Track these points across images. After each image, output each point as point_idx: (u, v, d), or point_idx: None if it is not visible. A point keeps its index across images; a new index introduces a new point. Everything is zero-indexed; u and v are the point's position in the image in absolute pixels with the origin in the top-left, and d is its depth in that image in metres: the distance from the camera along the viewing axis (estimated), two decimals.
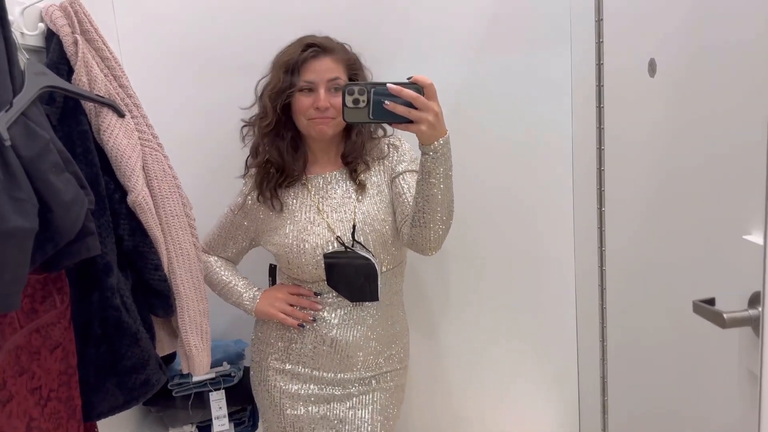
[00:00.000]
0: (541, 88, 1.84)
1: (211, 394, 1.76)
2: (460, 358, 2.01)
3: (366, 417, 1.56)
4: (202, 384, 1.76)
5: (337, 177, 1.57)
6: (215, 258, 1.66)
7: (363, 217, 1.51)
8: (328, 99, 1.48)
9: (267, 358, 1.62)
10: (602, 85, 1.66)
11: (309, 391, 1.57)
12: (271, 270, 1.68)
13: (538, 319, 1.98)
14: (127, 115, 1.28)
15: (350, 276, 1.50)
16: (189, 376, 1.74)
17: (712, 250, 1.20)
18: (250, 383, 1.70)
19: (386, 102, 1.20)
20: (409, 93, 1.19)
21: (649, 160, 1.46)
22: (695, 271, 1.27)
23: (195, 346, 1.41)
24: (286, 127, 1.55)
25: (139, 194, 1.26)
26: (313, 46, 1.50)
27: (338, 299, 1.54)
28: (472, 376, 2.02)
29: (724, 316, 1.00)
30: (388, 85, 1.20)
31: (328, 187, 1.57)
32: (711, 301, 1.08)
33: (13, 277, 0.90)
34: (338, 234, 1.50)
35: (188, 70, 1.82)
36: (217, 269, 1.63)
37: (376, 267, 1.48)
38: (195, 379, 1.74)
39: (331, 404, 1.57)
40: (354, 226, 1.50)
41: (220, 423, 1.76)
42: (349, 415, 1.56)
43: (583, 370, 1.99)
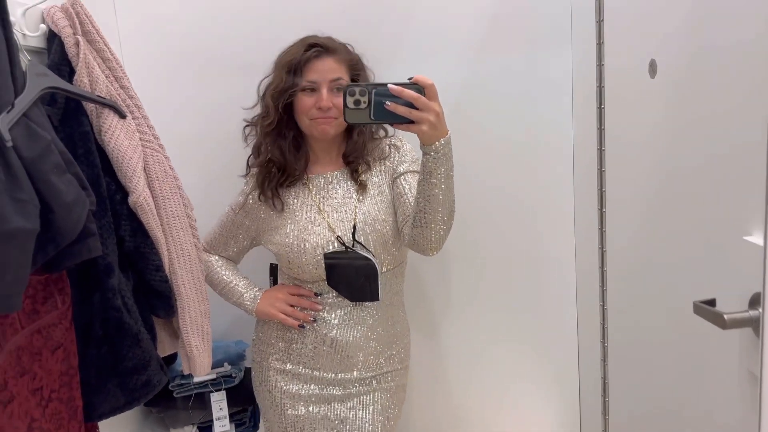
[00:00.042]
0: (542, 88, 1.84)
1: (212, 394, 1.76)
2: (460, 358, 2.01)
3: (367, 417, 1.56)
4: (203, 385, 1.76)
5: (338, 177, 1.57)
6: (216, 257, 1.66)
7: (364, 217, 1.51)
8: (331, 99, 1.48)
9: (268, 358, 1.62)
10: (603, 86, 1.66)
11: (310, 392, 1.58)
12: (272, 270, 1.69)
13: (539, 320, 1.98)
14: (129, 116, 1.28)
15: (350, 276, 1.50)
16: (190, 376, 1.74)
17: (713, 251, 1.19)
18: (252, 384, 1.70)
19: (387, 102, 1.20)
20: (410, 93, 1.19)
21: (650, 161, 1.46)
22: (696, 271, 1.27)
23: (196, 347, 1.41)
24: (288, 126, 1.55)
25: (141, 195, 1.26)
26: (316, 46, 1.50)
27: (338, 299, 1.54)
28: (473, 377, 2.02)
29: (725, 317, 1.00)
30: (389, 86, 1.20)
31: (329, 187, 1.57)
32: (711, 302, 1.08)
33: (15, 278, 0.90)
34: (339, 234, 1.50)
35: (189, 71, 1.82)
36: (218, 269, 1.64)
37: (377, 267, 1.48)
38: (196, 379, 1.74)
39: (332, 404, 1.57)
40: (354, 226, 1.50)
41: (221, 424, 1.76)
42: (350, 416, 1.56)
43: (584, 371, 1.99)
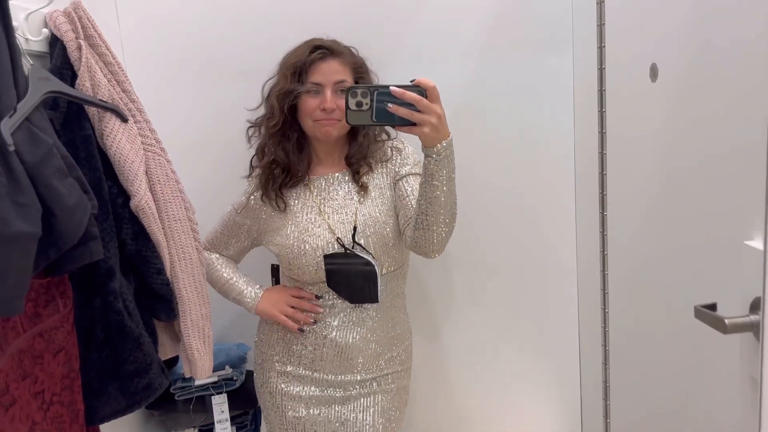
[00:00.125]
0: (543, 91, 1.85)
1: (213, 397, 1.76)
2: (462, 359, 2.01)
3: (368, 419, 1.56)
4: (205, 388, 1.76)
5: (340, 179, 1.58)
6: (217, 255, 1.66)
7: (364, 219, 1.51)
8: (335, 101, 1.48)
9: (269, 360, 1.62)
10: (604, 90, 1.66)
11: (310, 393, 1.58)
12: (274, 270, 1.69)
13: (540, 322, 1.98)
14: (130, 120, 1.28)
15: (350, 278, 1.50)
16: (191, 379, 1.74)
17: (714, 255, 1.19)
18: (252, 386, 1.70)
19: (389, 104, 1.20)
20: (412, 95, 1.19)
21: (651, 164, 1.46)
22: (697, 275, 1.27)
23: (197, 350, 1.41)
24: (292, 128, 1.55)
25: (142, 199, 1.26)
26: (321, 48, 1.51)
27: (338, 301, 1.55)
28: (475, 378, 2.02)
29: (726, 321, 0.99)
30: (391, 88, 1.20)
31: (330, 189, 1.57)
32: (712, 307, 1.08)
33: (17, 282, 0.90)
34: (339, 235, 1.50)
35: (191, 75, 1.82)
36: (218, 266, 1.63)
37: (376, 269, 1.48)
38: (197, 382, 1.75)
39: (333, 406, 1.57)
40: (355, 227, 1.50)
41: (223, 427, 1.76)
42: (351, 418, 1.56)
43: (585, 373, 1.99)
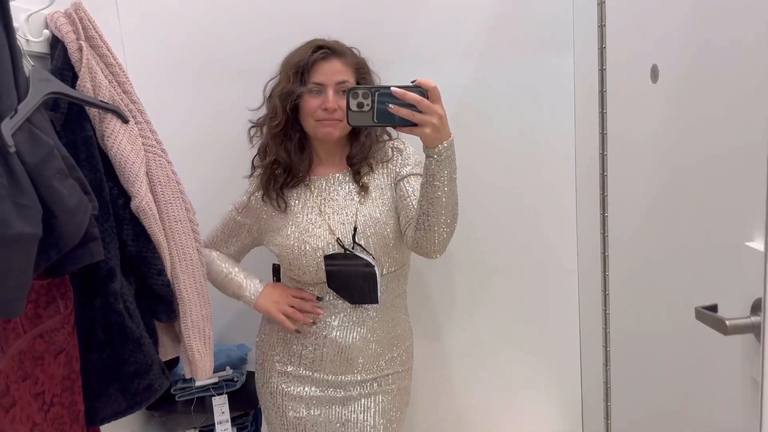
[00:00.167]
0: (544, 92, 1.85)
1: (213, 398, 1.76)
2: (463, 360, 2.01)
3: (368, 420, 1.56)
4: (205, 389, 1.76)
5: (340, 179, 1.58)
6: (217, 253, 1.66)
7: (364, 219, 1.51)
8: (337, 101, 1.48)
9: (270, 360, 1.62)
10: (605, 91, 1.66)
11: (311, 394, 1.58)
12: (275, 270, 1.69)
13: (541, 323, 1.98)
14: (131, 121, 1.28)
15: (350, 279, 1.50)
16: (192, 380, 1.74)
17: (715, 256, 1.19)
18: (253, 387, 1.70)
19: (390, 105, 1.20)
20: (413, 96, 1.19)
21: (652, 166, 1.46)
22: (698, 276, 1.27)
23: (198, 351, 1.41)
24: (293, 128, 1.55)
25: (143, 200, 1.26)
26: (323, 48, 1.51)
27: (339, 301, 1.54)
28: (476, 379, 2.02)
29: (726, 322, 0.99)
30: (392, 89, 1.20)
31: (331, 189, 1.57)
32: (713, 308, 1.07)
33: (17, 283, 0.90)
34: (339, 236, 1.50)
35: (192, 76, 1.82)
36: (217, 261, 1.63)
37: (376, 270, 1.48)
38: (198, 383, 1.74)
39: (333, 407, 1.57)
40: (355, 228, 1.50)
41: (223, 428, 1.76)
42: (352, 418, 1.56)
43: (586, 375, 1.99)
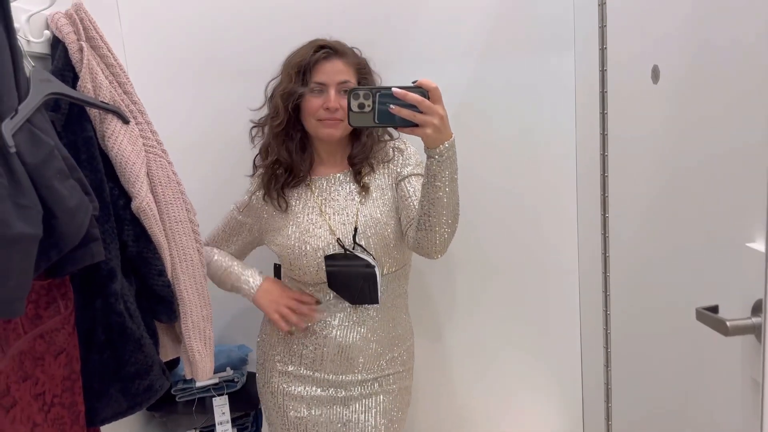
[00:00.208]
0: (545, 93, 1.85)
1: (214, 399, 1.76)
2: (464, 360, 2.01)
3: (370, 420, 1.56)
4: (206, 389, 1.76)
5: (341, 179, 1.58)
6: (218, 250, 1.66)
7: (365, 220, 1.51)
8: (338, 100, 1.49)
9: (270, 359, 1.62)
10: (606, 91, 1.66)
11: (312, 393, 1.58)
12: (276, 269, 1.69)
13: (542, 324, 1.98)
14: (132, 122, 1.28)
15: (351, 280, 1.50)
16: (192, 381, 1.74)
17: (716, 257, 1.19)
18: (253, 388, 1.70)
19: (391, 106, 1.20)
20: (414, 97, 1.19)
21: (653, 166, 1.46)
22: (698, 277, 1.27)
23: (198, 352, 1.41)
24: (295, 127, 1.56)
25: (143, 200, 1.26)
26: (325, 48, 1.51)
27: (339, 301, 1.54)
28: (477, 379, 2.02)
29: (727, 323, 0.99)
30: (393, 89, 1.19)
31: (332, 189, 1.57)
32: (714, 309, 1.07)
33: (18, 283, 0.90)
34: (339, 236, 1.50)
35: (193, 77, 1.82)
36: (218, 257, 1.63)
37: (377, 271, 1.48)
38: (198, 384, 1.74)
39: (334, 407, 1.57)
40: (356, 228, 1.50)
41: (224, 428, 1.76)
42: (353, 418, 1.56)
43: (587, 376, 1.99)
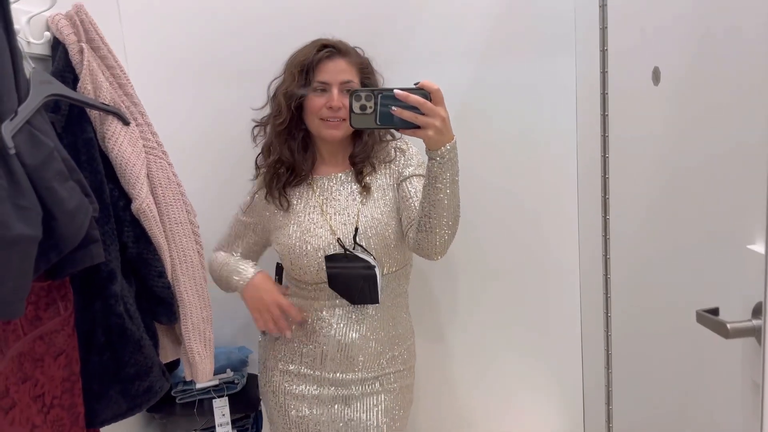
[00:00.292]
0: (546, 94, 1.85)
1: (214, 401, 1.76)
2: (465, 361, 2.01)
3: (371, 419, 1.56)
4: (206, 391, 1.76)
5: (342, 179, 1.58)
6: (224, 252, 1.66)
7: (366, 220, 1.51)
8: (341, 99, 1.49)
9: (272, 359, 1.62)
10: (606, 93, 1.66)
11: (313, 392, 1.58)
12: (278, 269, 1.69)
13: (543, 325, 1.98)
14: (132, 123, 1.29)
15: (351, 281, 1.50)
16: (192, 383, 1.74)
17: (716, 259, 1.19)
18: (252, 390, 1.70)
19: (393, 107, 1.20)
20: (416, 98, 1.19)
21: (653, 169, 1.45)
22: (699, 279, 1.26)
23: (198, 353, 1.41)
24: (297, 127, 1.56)
25: (144, 202, 1.26)
26: (328, 47, 1.51)
27: (338, 300, 1.54)
28: (478, 380, 2.02)
29: (728, 326, 0.99)
30: (395, 91, 1.19)
31: (333, 189, 1.57)
32: (715, 311, 1.07)
33: (17, 285, 0.90)
34: (340, 236, 1.50)
35: (193, 78, 1.82)
36: (221, 257, 1.64)
37: (377, 271, 1.48)
38: (198, 386, 1.74)
39: (336, 406, 1.57)
40: (356, 229, 1.50)
41: (224, 430, 1.76)
42: (354, 417, 1.56)
43: (588, 378, 1.98)
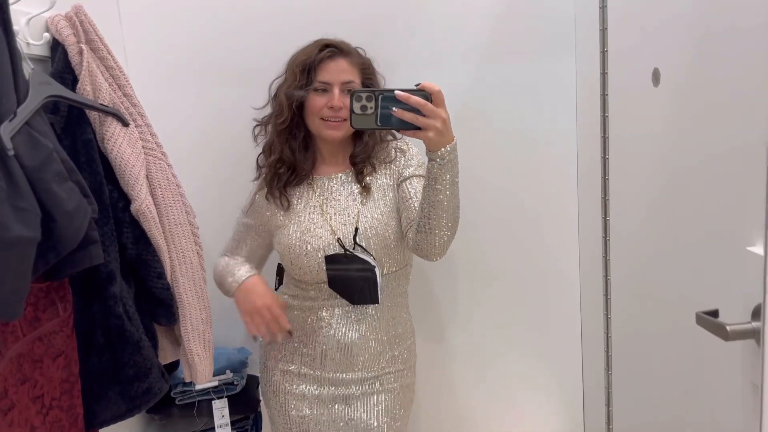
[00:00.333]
0: (546, 96, 1.85)
1: (213, 402, 1.76)
2: (466, 362, 2.01)
3: (372, 419, 1.55)
4: (205, 392, 1.75)
5: (343, 179, 1.58)
6: (229, 257, 1.66)
7: (366, 220, 1.51)
8: (342, 99, 1.49)
9: (272, 359, 1.62)
10: (606, 94, 1.66)
11: (313, 392, 1.57)
12: (279, 269, 1.69)
13: (543, 327, 1.98)
14: (132, 124, 1.29)
15: (351, 281, 1.50)
16: (192, 384, 1.74)
17: (716, 261, 1.19)
18: (252, 391, 1.69)
19: (394, 109, 1.19)
20: (417, 100, 1.19)
21: (653, 170, 1.45)
22: (699, 281, 1.26)
23: (197, 355, 1.41)
24: (298, 126, 1.56)
25: (143, 203, 1.26)
26: (330, 47, 1.51)
27: (339, 300, 1.54)
28: (478, 381, 2.02)
29: (727, 328, 0.99)
30: (396, 92, 1.19)
31: (333, 189, 1.57)
32: (714, 313, 1.07)
33: (16, 286, 0.90)
34: (339, 236, 1.50)
35: (193, 79, 1.82)
36: (222, 262, 1.63)
37: (377, 272, 1.48)
38: (198, 387, 1.74)
39: (336, 405, 1.57)
40: (356, 229, 1.50)
41: (223, 431, 1.76)
42: (355, 417, 1.56)
43: (588, 379, 1.98)
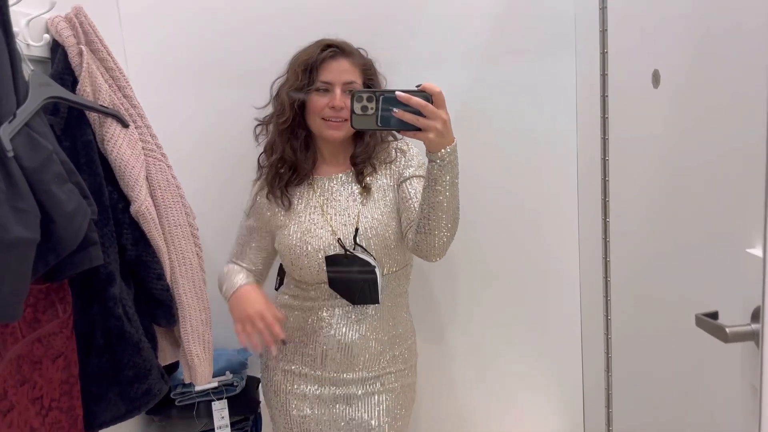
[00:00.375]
0: (546, 97, 1.85)
1: (213, 403, 1.76)
2: (466, 362, 2.01)
3: (373, 419, 1.55)
4: (205, 393, 1.75)
5: (343, 179, 1.58)
6: (234, 264, 1.65)
7: (366, 221, 1.51)
8: (344, 99, 1.49)
9: (274, 359, 1.61)
10: (606, 95, 1.66)
11: (314, 392, 1.57)
12: (280, 269, 1.69)
13: (543, 328, 1.98)
14: (131, 125, 1.29)
15: (351, 282, 1.50)
16: (191, 385, 1.74)
17: (716, 263, 1.19)
18: (254, 391, 1.69)
19: (394, 109, 1.19)
20: (418, 101, 1.19)
21: (653, 171, 1.45)
22: (699, 283, 1.26)
23: (197, 356, 1.41)
24: (300, 126, 1.56)
25: (143, 204, 1.26)
26: (332, 47, 1.51)
27: (339, 300, 1.54)
28: (478, 381, 2.02)
29: (727, 330, 0.99)
30: (397, 93, 1.19)
31: (334, 189, 1.57)
32: (714, 315, 1.07)
33: (15, 288, 0.90)
34: (340, 237, 1.50)
35: (194, 79, 1.82)
36: (225, 269, 1.63)
37: (377, 272, 1.48)
38: (197, 388, 1.74)
39: (337, 405, 1.56)
40: (357, 229, 1.50)
41: None
42: (356, 417, 1.55)
43: (588, 380, 1.98)
